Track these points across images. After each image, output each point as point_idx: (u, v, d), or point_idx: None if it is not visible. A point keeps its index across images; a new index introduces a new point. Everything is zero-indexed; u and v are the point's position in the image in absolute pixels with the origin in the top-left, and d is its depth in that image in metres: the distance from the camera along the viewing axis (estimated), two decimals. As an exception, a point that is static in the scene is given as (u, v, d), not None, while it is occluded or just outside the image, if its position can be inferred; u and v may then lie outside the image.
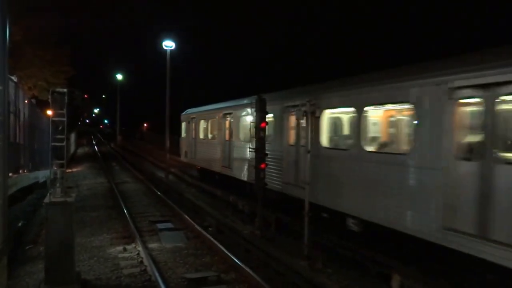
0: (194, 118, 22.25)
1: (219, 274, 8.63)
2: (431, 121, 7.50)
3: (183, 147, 24.33)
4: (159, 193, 18.03)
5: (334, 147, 10.68)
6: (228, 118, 17.22)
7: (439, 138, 7.30)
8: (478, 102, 6.82)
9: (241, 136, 15.76)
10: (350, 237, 9.97)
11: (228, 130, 17.20)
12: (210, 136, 20.05)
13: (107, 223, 13.21)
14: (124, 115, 66.16)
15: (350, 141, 10.19)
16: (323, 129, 10.71)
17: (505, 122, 6.55)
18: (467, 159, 6.91)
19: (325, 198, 10.32)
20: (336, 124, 11.36)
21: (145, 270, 8.90)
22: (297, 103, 11.10)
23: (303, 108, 10.03)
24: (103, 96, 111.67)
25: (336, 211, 10.01)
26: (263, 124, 10.94)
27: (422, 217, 7.57)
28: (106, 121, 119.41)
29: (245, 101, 15.45)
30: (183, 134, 24.57)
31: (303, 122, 11.06)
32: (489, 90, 6.52)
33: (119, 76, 61.36)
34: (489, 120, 6.54)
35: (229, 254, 9.47)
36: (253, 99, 12.24)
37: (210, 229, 12.20)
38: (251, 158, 12.98)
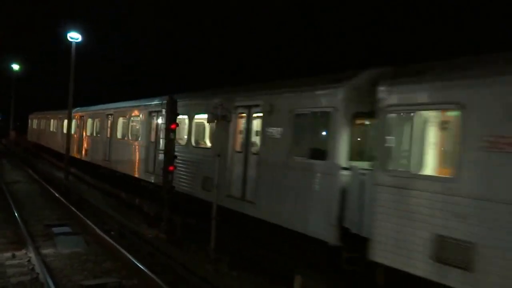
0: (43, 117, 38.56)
1: (121, 280, 8.31)
2: (228, 127, 10.69)
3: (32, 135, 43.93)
4: (56, 194, 16.77)
5: None
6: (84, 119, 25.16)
7: (228, 138, 10.65)
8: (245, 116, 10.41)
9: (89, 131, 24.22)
10: (256, 240, 10.18)
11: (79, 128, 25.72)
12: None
13: (-7, 227, 11.98)
14: (20, 109, 60.12)
15: None
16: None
17: (255, 130, 10.20)
18: (240, 152, 10.44)
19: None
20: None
21: (36, 278, 8.26)
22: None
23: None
24: None
25: None
26: (173, 126, 10.77)
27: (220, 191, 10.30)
28: None
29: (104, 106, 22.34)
30: (32, 127, 44.20)
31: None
32: (249, 108, 10.25)
33: (16, 66, 55.71)
34: (247, 127, 10.26)
35: (131, 258, 9.13)
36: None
37: (112, 233, 11.66)
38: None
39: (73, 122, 26.77)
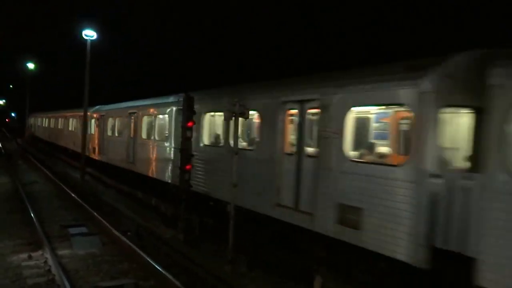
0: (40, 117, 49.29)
1: (137, 281, 8.16)
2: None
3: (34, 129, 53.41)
4: (73, 194, 16.72)
5: None
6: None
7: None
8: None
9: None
10: (276, 240, 9.95)
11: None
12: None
13: (9, 228, 11.93)
14: (36, 108, 60.55)
15: None
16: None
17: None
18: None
19: None
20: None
21: (53, 279, 8.16)
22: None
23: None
24: (11, 86, 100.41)
25: None
26: (190, 124, 10.57)
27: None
28: (13, 115, 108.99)
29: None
30: (32, 124, 56.09)
31: None
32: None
33: (31, 65, 55.85)
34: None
35: (148, 259, 8.97)
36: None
37: (128, 233, 11.51)
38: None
39: (71, 121, 31.71)
